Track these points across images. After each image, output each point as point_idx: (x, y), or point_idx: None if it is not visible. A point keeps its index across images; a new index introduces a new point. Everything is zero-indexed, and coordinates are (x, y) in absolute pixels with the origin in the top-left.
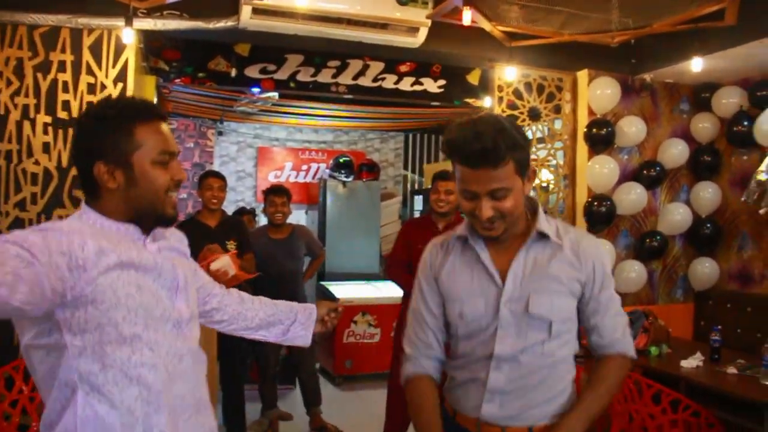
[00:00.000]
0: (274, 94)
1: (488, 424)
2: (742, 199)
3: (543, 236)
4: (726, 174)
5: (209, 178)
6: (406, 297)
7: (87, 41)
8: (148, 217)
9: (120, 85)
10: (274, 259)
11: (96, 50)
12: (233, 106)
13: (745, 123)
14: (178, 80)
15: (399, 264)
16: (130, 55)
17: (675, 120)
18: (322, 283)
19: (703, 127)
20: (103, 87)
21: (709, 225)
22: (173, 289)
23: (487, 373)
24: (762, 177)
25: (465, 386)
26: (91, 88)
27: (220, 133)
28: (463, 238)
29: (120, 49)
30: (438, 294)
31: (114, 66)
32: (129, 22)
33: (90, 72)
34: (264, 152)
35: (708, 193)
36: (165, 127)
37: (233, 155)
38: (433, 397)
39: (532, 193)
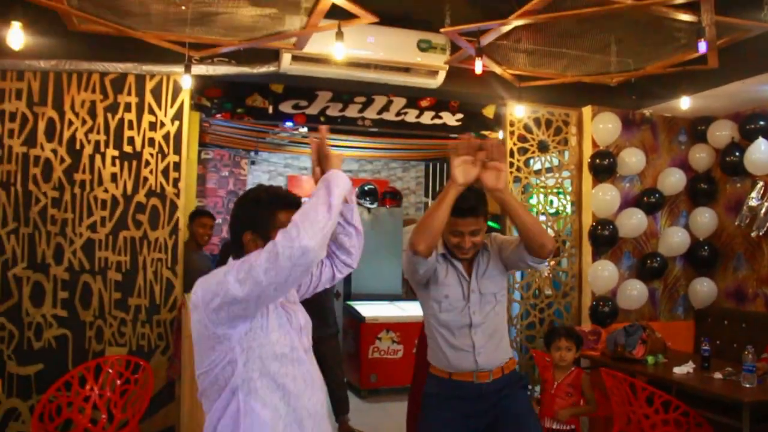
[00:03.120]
0: (304, 129)
1: (481, 371)
2: (736, 223)
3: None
4: (722, 200)
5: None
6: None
7: (149, 85)
8: None
9: (176, 123)
10: None
11: (156, 93)
12: (266, 137)
13: (737, 153)
14: (218, 115)
15: None
16: (185, 97)
17: (673, 150)
18: (349, 302)
19: (700, 157)
20: (162, 124)
21: (706, 247)
22: (298, 328)
23: (471, 337)
24: (753, 203)
25: (457, 353)
26: (152, 126)
27: (253, 163)
28: (443, 255)
29: (177, 91)
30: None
31: (172, 106)
32: (188, 70)
33: (151, 112)
34: (293, 180)
35: (705, 218)
36: None
37: (265, 183)
38: None
39: (542, 219)
